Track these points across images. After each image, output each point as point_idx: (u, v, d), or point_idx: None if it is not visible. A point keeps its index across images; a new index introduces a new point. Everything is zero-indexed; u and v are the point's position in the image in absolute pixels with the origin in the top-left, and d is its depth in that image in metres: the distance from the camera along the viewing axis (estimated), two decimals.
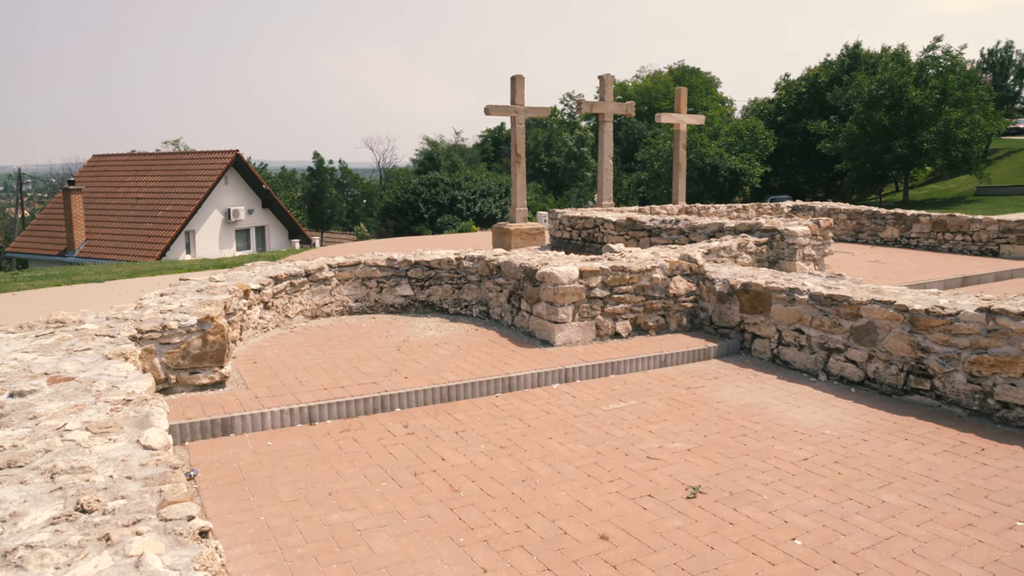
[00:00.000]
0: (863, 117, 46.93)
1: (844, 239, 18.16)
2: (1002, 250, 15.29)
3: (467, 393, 6.58)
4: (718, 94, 76.09)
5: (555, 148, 63.76)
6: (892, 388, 6.63)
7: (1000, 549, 4.05)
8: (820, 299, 7.18)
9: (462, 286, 9.32)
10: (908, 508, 4.53)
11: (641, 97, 69.93)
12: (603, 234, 14.34)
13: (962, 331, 6.15)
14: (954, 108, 44.96)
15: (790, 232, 11.22)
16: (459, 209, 42.90)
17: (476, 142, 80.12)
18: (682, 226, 12.62)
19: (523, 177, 17.48)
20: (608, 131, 18.47)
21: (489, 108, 16.93)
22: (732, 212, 18.63)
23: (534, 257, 8.72)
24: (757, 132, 53.64)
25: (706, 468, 5.11)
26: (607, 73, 18.68)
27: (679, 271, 8.47)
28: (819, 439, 5.64)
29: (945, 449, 5.45)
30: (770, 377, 7.22)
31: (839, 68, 59.33)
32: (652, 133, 60.35)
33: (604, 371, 7.22)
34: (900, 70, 46.89)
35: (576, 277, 7.79)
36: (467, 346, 7.82)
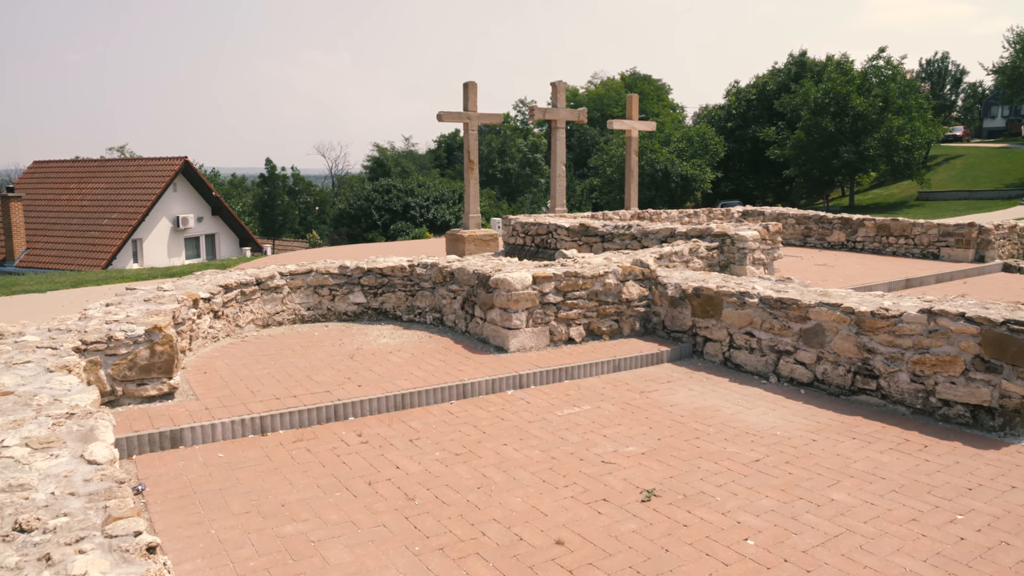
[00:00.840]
0: (810, 124, 47.97)
1: (793, 243, 18.51)
2: (942, 253, 15.74)
3: (421, 401, 6.55)
4: (669, 101, 77.06)
5: (509, 154, 63.93)
6: (840, 389, 6.77)
7: (942, 542, 4.16)
8: (770, 302, 7.30)
9: (416, 293, 9.28)
10: (856, 506, 4.62)
11: (593, 104, 70.48)
12: (556, 240, 14.40)
13: (905, 332, 6.30)
14: (896, 116, 46.27)
15: (740, 237, 11.40)
16: (412, 216, 42.71)
17: (430, 148, 79.94)
18: (634, 231, 12.74)
19: (476, 183, 17.48)
20: (561, 137, 18.57)
21: (442, 114, 16.90)
22: (684, 217, 18.87)
23: (488, 263, 8.72)
24: (708, 138, 54.46)
25: (660, 471, 5.15)
26: (559, 80, 18.79)
27: (632, 276, 8.54)
28: (770, 440, 5.73)
29: (890, 447, 5.58)
30: (722, 380, 7.32)
31: (786, 76, 60.58)
32: (605, 139, 60.83)
33: (558, 376, 7.25)
34: (844, 79, 48.08)
35: (529, 283, 7.81)
36: (421, 353, 7.78)
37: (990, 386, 5.84)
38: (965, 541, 4.19)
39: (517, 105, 74.85)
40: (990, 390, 5.84)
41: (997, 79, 71.95)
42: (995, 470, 5.15)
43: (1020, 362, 5.69)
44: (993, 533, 4.28)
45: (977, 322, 5.91)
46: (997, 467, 5.20)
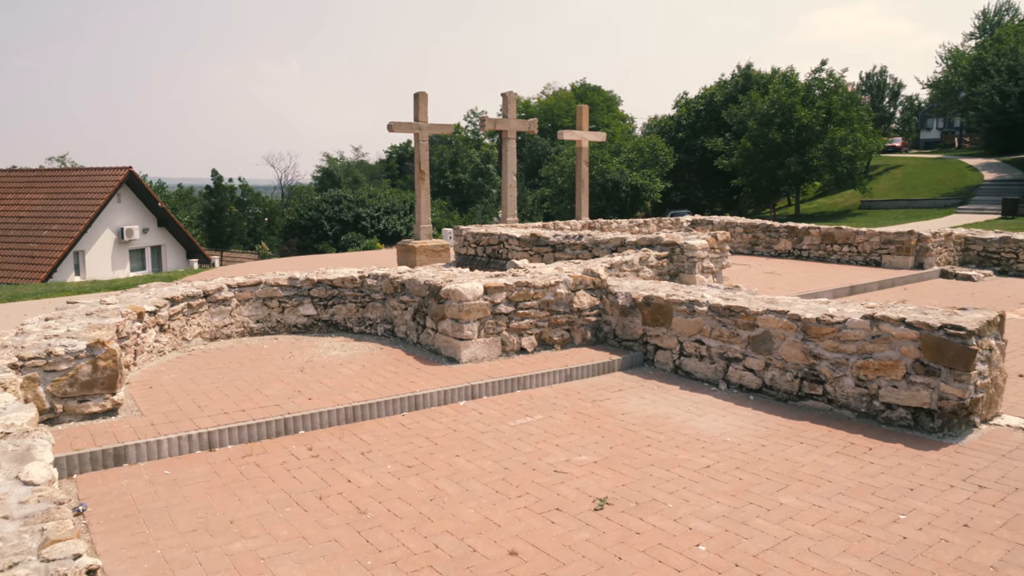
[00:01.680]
0: (756, 135, 48.95)
1: (741, 252, 18.82)
2: (884, 260, 16.15)
3: (373, 413, 6.48)
4: (619, 112, 77.96)
5: (460, 165, 63.94)
6: (788, 394, 6.89)
7: (886, 542, 4.26)
8: (719, 310, 7.41)
9: (366, 304, 9.20)
10: (804, 509, 4.70)
11: (544, 114, 70.95)
12: (508, 250, 14.43)
13: (850, 338, 6.45)
14: (838, 127, 47.49)
15: (689, 246, 11.55)
16: (363, 227, 42.41)
17: (380, 158, 79.58)
18: (585, 241, 12.82)
19: (427, 194, 17.43)
20: (512, 148, 18.63)
21: (392, 125, 16.85)
22: (634, 227, 19.06)
23: (439, 274, 8.69)
24: (657, 149, 55.21)
25: (613, 479, 5.17)
26: (510, 91, 18.87)
27: (583, 286, 8.59)
28: (720, 446, 5.80)
29: (837, 451, 5.69)
30: (673, 388, 7.39)
31: (733, 88, 61.72)
32: (556, 150, 61.26)
33: (510, 387, 7.24)
34: (789, 91, 49.20)
35: (481, 293, 7.81)
36: (372, 365, 7.72)
37: (929, 389, 6.00)
38: (907, 540, 4.29)
39: (468, 115, 75.00)
40: (929, 393, 6.00)
41: (931, 93, 74.38)
42: (935, 470, 5.29)
43: (957, 365, 5.86)
44: (933, 531, 4.39)
45: (917, 327, 6.07)
46: (937, 467, 5.34)
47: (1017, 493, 4.91)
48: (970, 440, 5.86)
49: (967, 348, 5.82)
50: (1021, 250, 16.00)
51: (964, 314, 6.24)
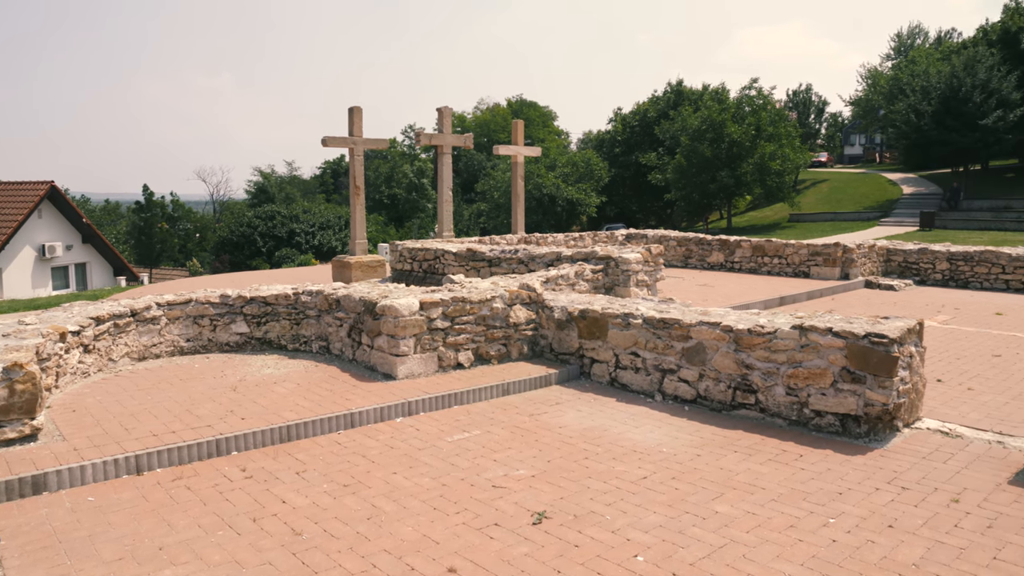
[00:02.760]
0: (689, 150, 49.98)
1: (675, 264, 19.14)
2: (812, 271, 16.62)
3: (308, 432, 6.37)
4: (555, 127, 78.73)
5: (396, 180, 63.63)
6: (722, 404, 7.01)
7: (816, 545, 4.36)
8: (653, 323, 7.51)
9: (301, 321, 9.06)
10: (738, 516, 4.78)
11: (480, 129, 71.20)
12: (444, 265, 14.39)
13: (780, 347, 6.60)
14: (767, 142, 48.85)
15: (624, 259, 11.70)
16: (298, 242, 41.81)
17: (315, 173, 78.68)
18: (521, 256, 12.87)
19: (363, 209, 17.29)
20: (447, 163, 18.63)
21: (326, 139, 16.69)
22: (570, 241, 19.22)
23: (374, 290, 8.61)
24: (592, 163, 55.90)
25: (551, 493, 5.18)
26: (445, 106, 18.88)
27: (519, 300, 8.62)
28: (657, 457, 5.86)
29: (769, 458, 5.81)
30: (609, 400, 7.45)
31: (666, 104, 62.94)
32: (492, 164, 61.49)
33: (448, 402, 7.21)
34: (719, 107, 50.44)
35: (417, 309, 7.76)
36: (307, 383, 7.59)
37: (856, 395, 6.18)
38: (837, 543, 4.40)
39: (405, 130, 74.80)
40: (856, 399, 6.18)
41: (854, 110, 77.16)
42: (862, 474, 5.44)
43: (881, 372, 6.05)
44: (861, 533, 4.51)
45: (843, 336, 6.25)
46: (863, 471, 5.50)
47: (936, 493, 5.09)
48: (894, 444, 6.05)
49: (890, 355, 6.02)
50: (938, 261, 16.66)
51: (887, 323, 6.45)
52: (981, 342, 10.25)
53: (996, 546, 4.36)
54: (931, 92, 48.07)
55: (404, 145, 70.91)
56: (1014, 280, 15.62)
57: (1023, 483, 5.26)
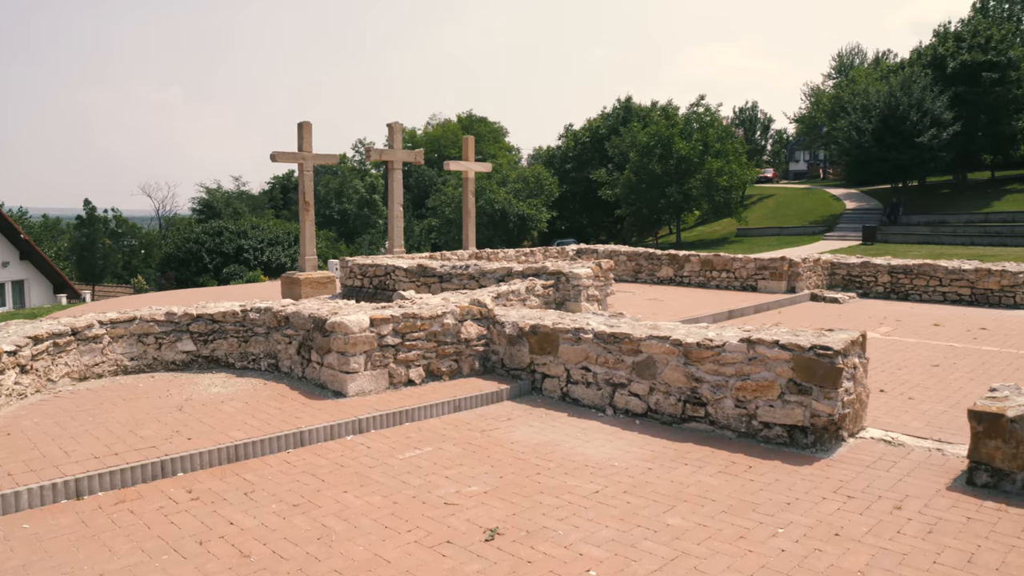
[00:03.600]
0: (638, 166, 50.65)
1: (625, 279, 19.32)
2: (760, 285, 16.93)
3: (256, 451, 6.26)
4: (505, 143, 79.08)
5: (346, 195, 63.23)
6: (672, 417, 7.08)
7: (766, 555, 4.42)
8: (604, 337, 7.56)
9: (249, 339, 8.92)
10: (690, 529, 4.82)
11: (431, 145, 71.19)
12: (395, 281, 14.32)
13: (728, 361, 6.70)
14: (715, 159, 49.79)
15: (575, 274, 11.77)
16: (246, 259, 41.20)
17: (264, 189, 77.78)
18: (472, 271, 12.87)
19: (312, 225, 17.14)
20: (398, 178, 18.58)
21: (275, 155, 16.52)
22: (520, 256, 19.28)
23: (324, 306, 8.52)
24: (543, 179, 56.26)
25: (503, 509, 5.16)
26: (396, 121, 18.85)
27: (470, 316, 8.60)
28: (609, 471, 5.89)
29: (719, 470, 5.88)
30: (561, 415, 7.47)
31: (615, 120, 63.73)
32: (443, 180, 61.50)
33: (399, 419, 7.15)
34: (668, 124, 51.27)
35: (367, 326, 7.70)
36: (255, 402, 7.46)
37: (802, 407, 6.30)
38: (785, 552, 4.46)
39: (355, 145, 74.45)
40: (803, 411, 6.30)
41: (798, 127, 79.08)
42: (809, 484, 5.54)
43: (826, 383, 6.18)
44: (808, 542, 4.59)
45: (789, 348, 6.37)
46: (811, 481, 5.60)
47: (880, 501, 5.20)
48: (840, 453, 6.18)
49: (835, 367, 6.15)
50: (879, 274, 17.10)
51: (831, 335, 6.59)
52: (921, 352, 10.54)
53: (936, 550, 4.47)
54: (871, 110, 49.59)
55: (354, 160, 70.56)
56: (950, 292, 16.12)
57: (960, 488, 5.42)
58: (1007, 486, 5.37)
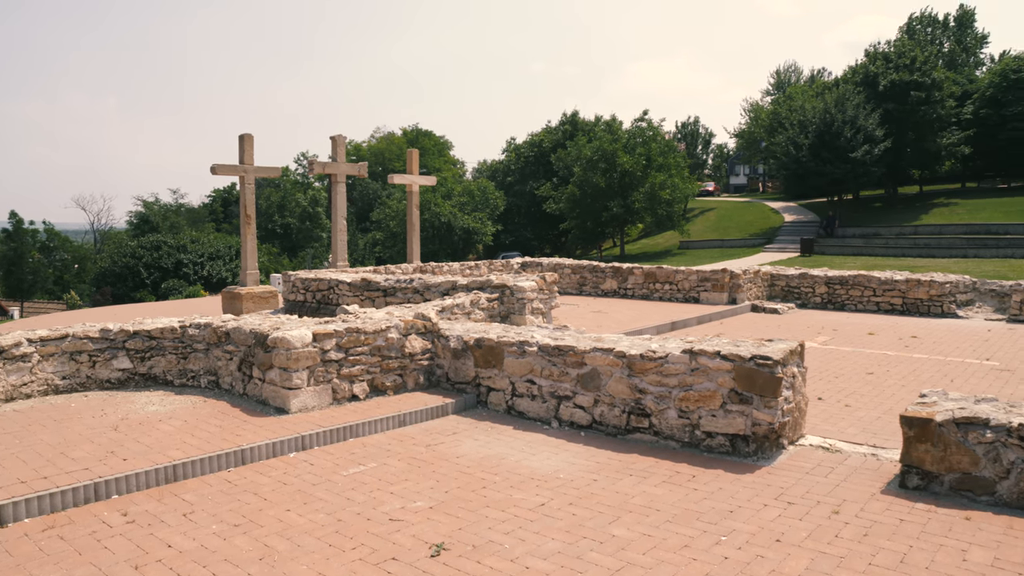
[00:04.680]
0: (583, 179, 51.14)
1: (570, 292, 19.44)
2: (702, 297, 17.20)
3: (196, 471, 6.11)
4: (450, 156, 79.10)
5: (289, 208, 62.43)
6: (617, 429, 7.13)
7: (709, 563, 4.48)
8: (548, 350, 7.59)
9: (188, 356, 8.72)
10: (635, 539, 4.85)
11: (375, 158, 70.81)
12: (338, 296, 14.17)
13: (671, 372, 6.78)
14: (658, 172, 50.57)
15: (519, 288, 11.81)
16: (186, 273, 40.33)
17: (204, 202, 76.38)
18: (416, 285, 12.82)
19: (254, 238, 16.88)
20: (341, 191, 18.42)
21: (216, 167, 16.25)
22: (465, 270, 19.27)
23: (266, 322, 8.39)
24: (488, 192, 56.39)
25: (449, 524, 5.13)
26: (339, 134, 18.71)
27: (414, 330, 8.56)
28: (554, 484, 5.90)
29: (664, 480, 5.94)
30: (506, 428, 7.46)
31: (560, 134, 64.27)
32: (387, 193, 61.21)
33: (343, 435, 7.06)
34: (612, 138, 51.93)
35: (310, 341, 7.59)
36: (195, 420, 7.29)
37: (744, 416, 6.41)
38: (729, 559, 4.53)
39: (298, 158, 73.64)
40: (744, 420, 6.41)
41: (738, 142, 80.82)
42: (751, 492, 5.63)
43: (767, 393, 6.30)
44: (751, 549, 4.66)
45: (730, 359, 6.48)
46: (752, 489, 5.69)
47: (819, 506, 5.32)
48: (780, 461, 6.30)
49: (774, 376, 6.28)
50: (817, 285, 17.54)
51: (771, 345, 6.73)
52: (856, 361, 10.83)
53: (871, 552, 4.59)
54: (807, 126, 50.98)
55: (297, 173, 69.75)
56: (883, 302, 16.61)
57: (894, 491, 5.59)
58: (936, 488, 5.55)
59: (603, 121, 62.30)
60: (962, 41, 71.02)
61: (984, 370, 10.24)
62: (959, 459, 5.46)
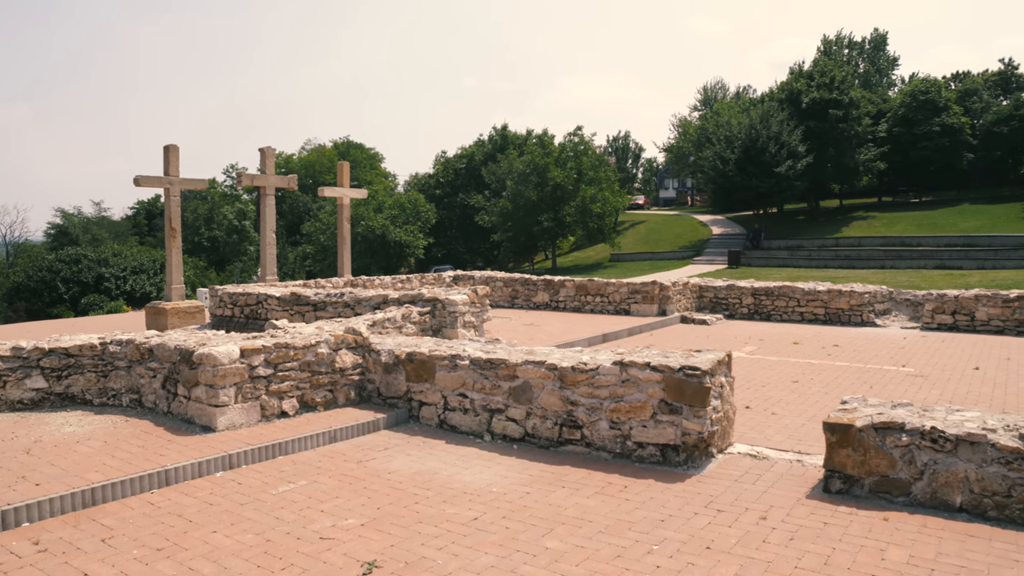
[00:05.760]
0: (514, 192, 51.40)
1: (502, 305, 19.47)
2: (632, 309, 17.44)
3: (116, 493, 5.88)
4: (382, 169, 78.62)
5: (216, 221, 61.06)
6: (549, 441, 7.15)
7: (642, 573, 4.52)
8: (480, 363, 7.57)
9: (109, 374, 8.42)
10: (568, 551, 4.86)
11: (306, 170, 69.95)
12: (267, 310, 13.90)
13: (602, 383, 6.84)
14: (589, 186, 51.18)
15: (451, 301, 11.77)
16: (107, 288, 39.00)
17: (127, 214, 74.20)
18: (347, 299, 12.66)
19: (179, 252, 16.45)
20: (270, 204, 18.12)
21: (139, 179, 15.81)
22: (397, 283, 19.14)
23: (191, 337, 8.16)
24: (419, 205, 56.19)
25: (381, 541, 5.06)
26: (268, 146, 18.41)
27: (345, 344, 8.44)
28: (487, 497, 5.88)
29: (596, 491, 5.98)
30: (439, 442, 7.41)
31: (492, 148, 64.52)
32: (318, 206, 60.45)
33: (272, 453, 6.90)
34: (543, 152, 52.38)
35: (237, 356, 7.42)
36: (116, 440, 7.03)
37: (674, 426, 6.50)
38: (660, 568, 4.57)
39: (226, 170, 72.16)
40: (674, 430, 6.50)
41: (667, 156, 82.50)
42: (682, 500, 5.71)
43: (695, 402, 6.41)
44: (682, 557, 4.72)
45: (660, 370, 6.57)
46: (683, 498, 5.77)
47: (747, 512, 5.43)
48: (710, 469, 6.41)
49: (703, 387, 6.39)
50: (744, 296, 17.97)
51: (699, 356, 6.85)
52: (782, 370, 11.11)
53: (797, 556, 4.70)
54: (733, 141, 52.37)
55: (225, 186, 68.37)
56: (807, 312, 17.12)
57: (818, 496, 5.75)
58: (857, 491, 5.72)
59: (535, 135, 62.79)
60: (876, 62, 74.19)
61: (900, 376, 10.63)
62: (878, 462, 5.65)
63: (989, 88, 63.66)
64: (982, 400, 9.14)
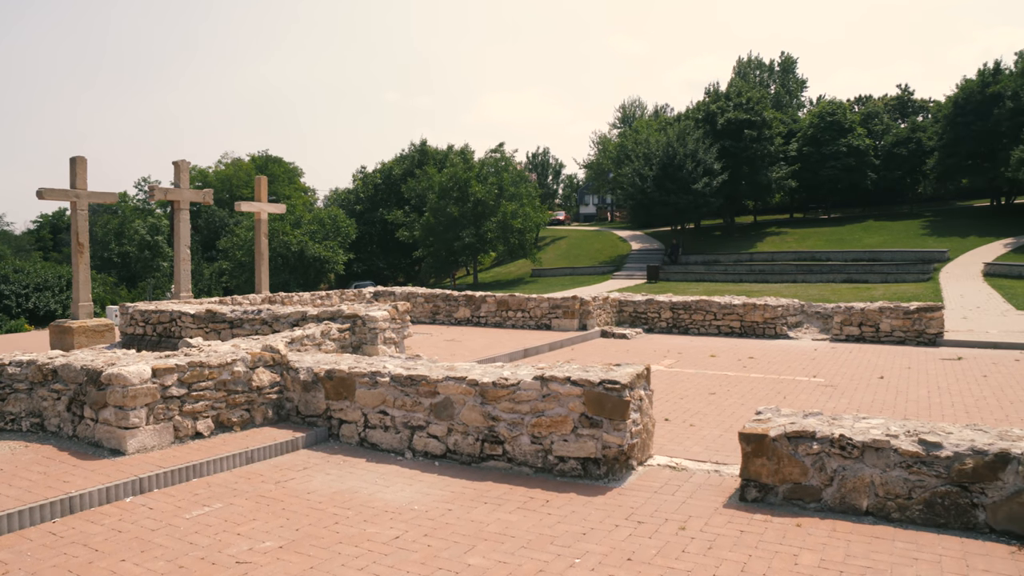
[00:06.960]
0: (436, 208, 51.31)
1: (423, 321, 19.37)
2: (553, 324, 17.57)
3: (13, 524, 5.58)
4: (301, 183, 77.40)
5: (127, 236, 58.97)
6: (471, 457, 7.12)
7: None
8: (401, 380, 7.50)
9: (7, 397, 8.00)
10: (491, 567, 4.85)
11: (222, 184, 68.34)
12: (181, 328, 13.48)
13: (523, 398, 6.86)
14: (510, 202, 51.51)
15: (371, 317, 11.65)
16: (7, 306, 37.12)
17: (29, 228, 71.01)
18: (265, 316, 12.40)
19: (87, 268, 15.82)
20: (185, 219, 17.62)
21: (43, 191, 15.16)
22: (316, 300, 18.83)
23: (99, 357, 7.84)
24: (339, 220, 55.53)
25: (300, 564, 4.94)
26: (183, 159, 17.92)
27: (262, 362, 8.25)
28: (408, 515, 5.81)
29: (518, 506, 5.98)
30: (359, 461, 7.30)
31: (411, 163, 64.30)
32: (235, 221, 59.08)
33: (185, 475, 6.67)
34: (465, 167, 52.50)
35: (149, 376, 7.16)
36: (13, 467, 6.68)
37: (594, 439, 6.57)
38: None
39: (138, 183, 69.85)
40: (595, 443, 6.56)
41: (587, 173, 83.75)
42: (603, 513, 5.77)
43: (615, 416, 6.49)
44: (604, 569, 4.76)
45: (580, 384, 6.63)
46: (604, 510, 5.83)
47: (667, 523, 5.51)
48: (630, 481, 6.49)
49: (622, 400, 6.47)
50: (663, 310, 18.33)
51: (618, 369, 6.95)
52: (699, 382, 11.37)
53: (715, 564, 4.80)
54: (652, 159, 53.51)
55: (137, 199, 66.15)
56: (723, 325, 17.57)
57: (735, 505, 5.88)
58: (772, 499, 5.89)
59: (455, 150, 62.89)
60: (786, 84, 77.10)
61: (812, 386, 11.01)
62: (791, 470, 5.82)
63: (888, 111, 67.12)
64: (886, 408, 9.54)
